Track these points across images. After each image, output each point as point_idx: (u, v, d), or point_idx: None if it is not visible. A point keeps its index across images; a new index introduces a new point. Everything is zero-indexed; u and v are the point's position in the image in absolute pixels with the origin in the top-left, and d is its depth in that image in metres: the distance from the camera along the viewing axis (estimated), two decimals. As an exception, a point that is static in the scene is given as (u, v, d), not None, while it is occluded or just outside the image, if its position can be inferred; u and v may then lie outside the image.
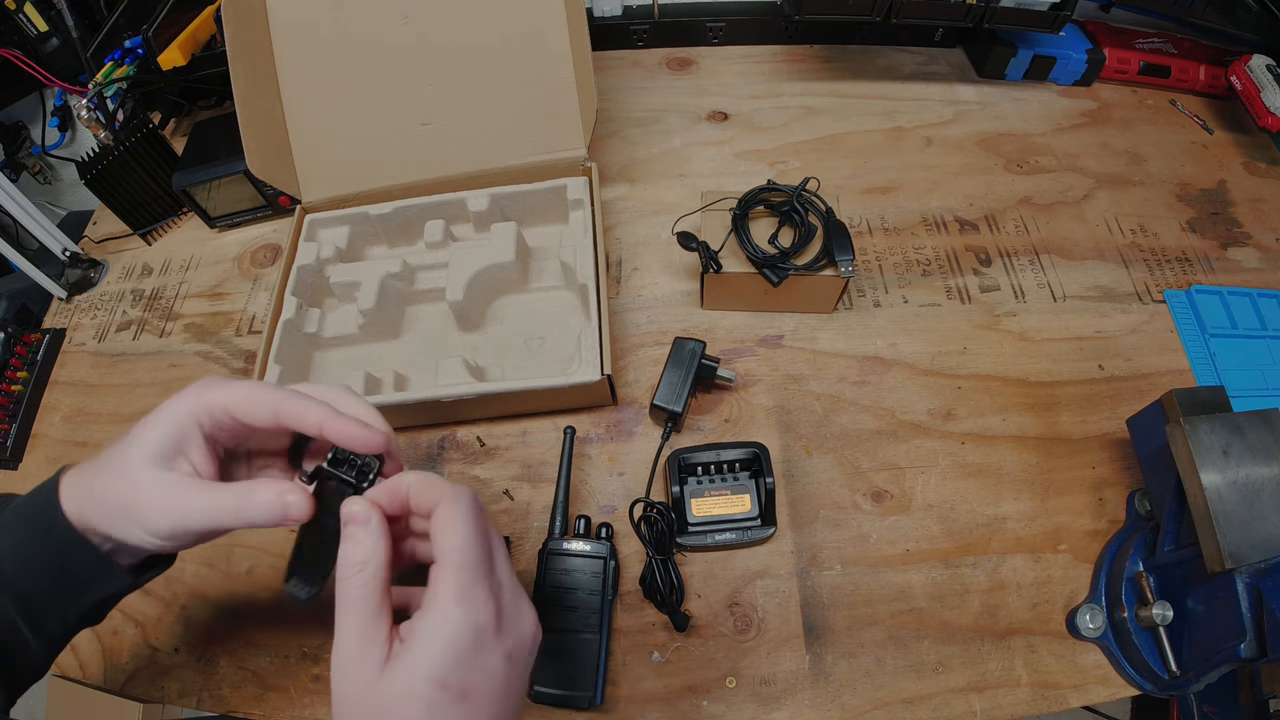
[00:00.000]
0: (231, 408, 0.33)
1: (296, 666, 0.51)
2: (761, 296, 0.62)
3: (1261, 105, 0.74)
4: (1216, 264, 0.69)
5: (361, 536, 0.30)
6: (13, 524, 0.34)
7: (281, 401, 0.33)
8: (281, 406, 0.33)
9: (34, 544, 0.34)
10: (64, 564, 0.34)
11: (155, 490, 0.32)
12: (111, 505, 0.33)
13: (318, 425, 0.33)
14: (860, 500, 0.55)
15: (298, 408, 0.33)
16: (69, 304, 0.73)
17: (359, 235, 0.67)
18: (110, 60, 0.72)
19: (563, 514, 0.52)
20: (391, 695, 0.28)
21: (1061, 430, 0.59)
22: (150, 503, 0.32)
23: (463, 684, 0.28)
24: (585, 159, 0.66)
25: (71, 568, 0.34)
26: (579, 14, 0.62)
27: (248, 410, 0.33)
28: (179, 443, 0.33)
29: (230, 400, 0.33)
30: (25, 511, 0.35)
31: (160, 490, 0.32)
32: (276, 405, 0.33)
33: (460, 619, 0.29)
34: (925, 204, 0.73)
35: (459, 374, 0.55)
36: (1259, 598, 0.40)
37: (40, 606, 0.34)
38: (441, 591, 0.29)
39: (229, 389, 0.34)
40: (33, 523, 0.34)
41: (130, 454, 0.33)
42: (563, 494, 0.53)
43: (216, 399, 0.34)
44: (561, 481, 0.53)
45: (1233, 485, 0.41)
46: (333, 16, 0.63)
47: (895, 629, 0.51)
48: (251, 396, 0.33)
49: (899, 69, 0.85)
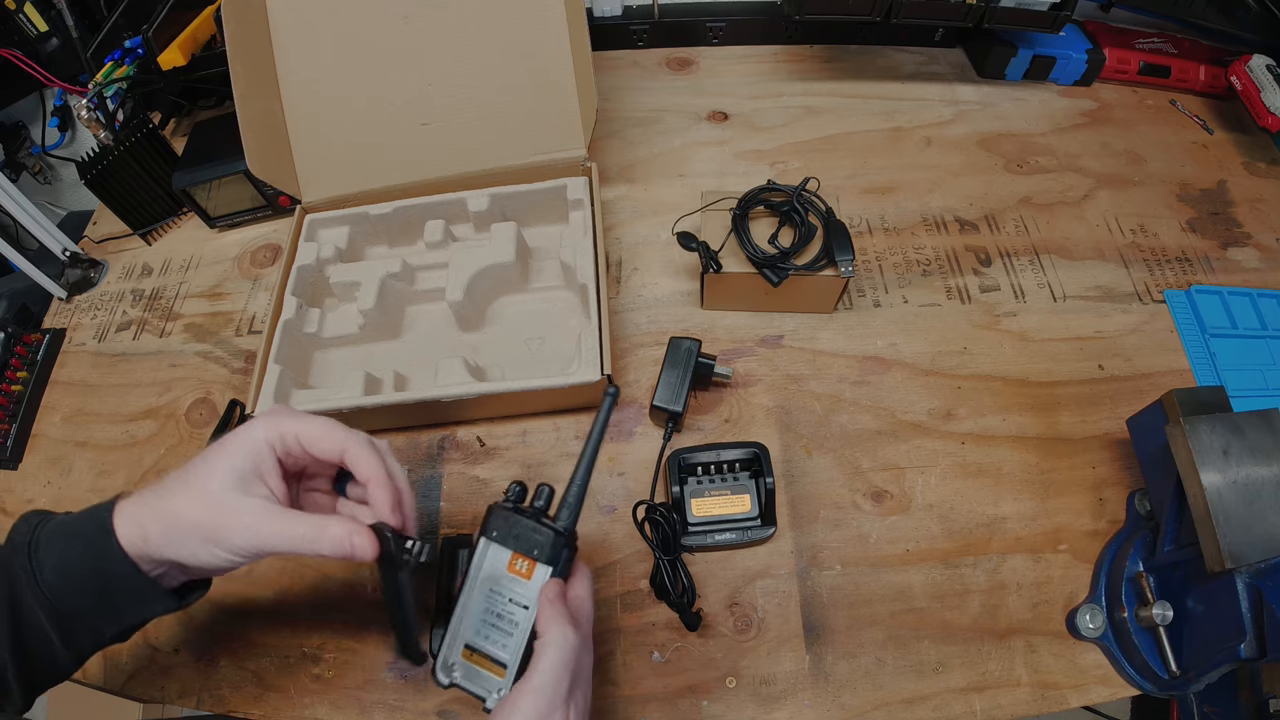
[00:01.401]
0: (305, 439, 0.38)
1: (296, 666, 0.51)
2: (761, 296, 0.62)
3: (1261, 105, 0.74)
4: (1216, 264, 0.69)
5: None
6: (59, 543, 0.36)
7: (349, 443, 0.38)
8: (348, 449, 0.38)
9: (82, 565, 0.36)
10: (110, 587, 0.36)
11: (238, 512, 0.35)
12: (186, 528, 0.35)
13: (367, 479, 0.38)
14: (860, 500, 0.55)
15: (359, 456, 0.38)
16: (69, 304, 0.73)
17: (359, 235, 0.67)
18: (110, 60, 0.72)
19: (578, 497, 0.41)
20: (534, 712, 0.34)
21: (1061, 430, 0.59)
22: (233, 523, 0.35)
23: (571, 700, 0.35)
24: (585, 159, 0.66)
25: (117, 590, 0.36)
26: (579, 14, 0.62)
27: (319, 444, 0.38)
28: (257, 468, 0.37)
29: (305, 432, 0.37)
30: (74, 530, 0.37)
31: (242, 512, 0.35)
32: (344, 446, 0.38)
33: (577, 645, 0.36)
34: (925, 204, 0.73)
35: (459, 374, 0.55)
36: (1259, 598, 0.40)
37: (77, 623, 0.37)
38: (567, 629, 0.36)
39: (304, 422, 0.38)
40: (82, 544, 0.36)
41: (211, 478, 0.36)
42: (583, 472, 0.42)
43: (292, 428, 0.37)
44: (586, 455, 0.42)
45: (1233, 485, 0.41)
46: (333, 16, 0.63)
47: (895, 629, 0.51)
48: (325, 432, 0.38)
49: (899, 69, 0.85)
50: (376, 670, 0.50)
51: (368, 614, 0.52)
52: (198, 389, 0.64)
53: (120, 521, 0.36)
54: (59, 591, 0.36)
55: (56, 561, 0.36)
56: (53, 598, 0.36)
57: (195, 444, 0.61)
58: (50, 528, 0.37)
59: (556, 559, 0.38)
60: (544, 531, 0.39)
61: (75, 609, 0.36)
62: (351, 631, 0.52)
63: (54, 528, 0.37)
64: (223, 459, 0.36)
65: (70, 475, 0.61)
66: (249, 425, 0.37)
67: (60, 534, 0.37)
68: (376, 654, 0.51)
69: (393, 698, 0.49)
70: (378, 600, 0.53)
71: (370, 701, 0.49)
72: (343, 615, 0.52)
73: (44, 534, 0.37)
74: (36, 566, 0.36)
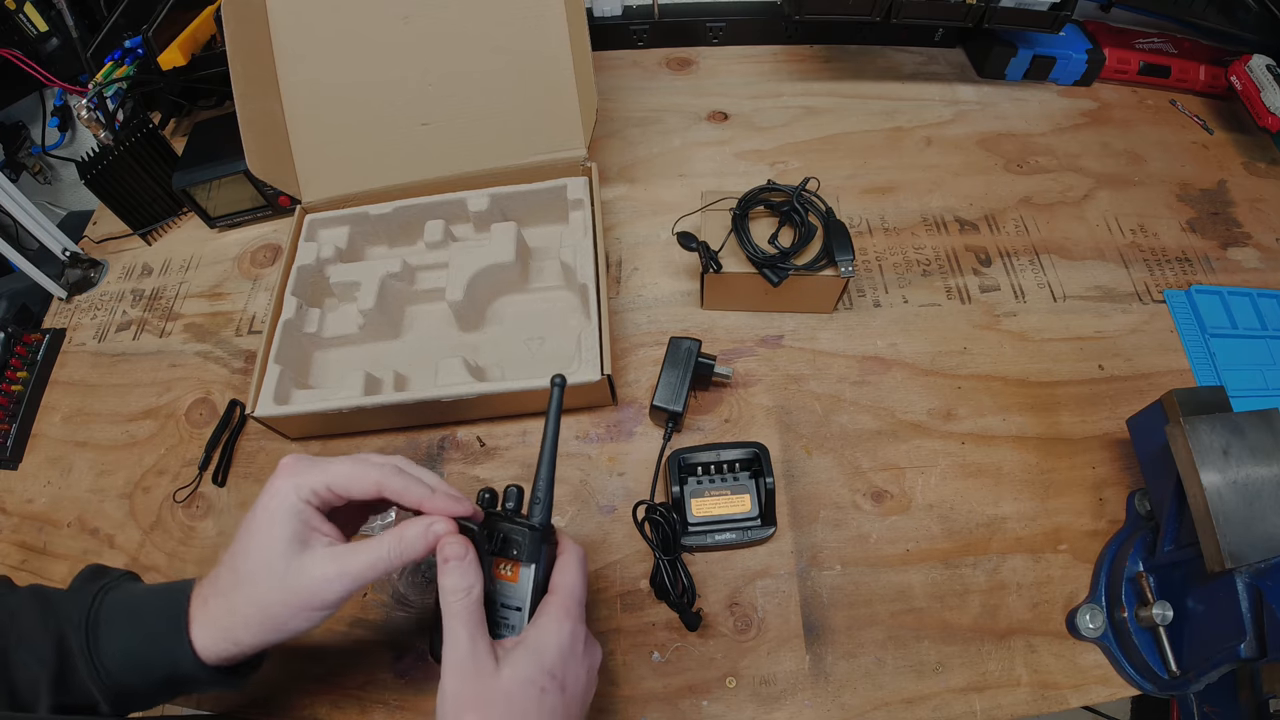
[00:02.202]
0: (336, 486, 0.37)
1: (297, 666, 0.51)
2: (761, 296, 0.62)
3: (1261, 105, 0.74)
4: (1216, 264, 0.69)
5: (464, 568, 0.36)
6: (124, 630, 0.37)
7: (385, 479, 0.37)
8: (385, 483, 0.37)
9: (148, 659, 0.37)
10: (178, 675, 0.37)
11: (318, 571, 0.35)
12: (281, 615, 0.36)
13: (418, 503, 0.37)
14: (860, 500, 0.55)
15: (399, 488, 0.37)
16: (69, 304, 0.73)
17: (359, 235, 0.68)
18: (110, 60, 0.72)
19: (546, 491, 0.40)
20: (512, 682, 0.34)
21: (1061, 430, 0.59)
22: (319, 583, 0.35)
23: (564, 677, 0.36)
24: (585, 159, 0.66)
25: (183, 679, 0.37)
26: (579, 14, 0.62)
27: (352, 487, 0.37)
28: (305, 524, 0.36)
29: (333, 481, 0.37)
30: (143, 626, 0.37)
31: (322, 568, 0.35)
32: (380, 482, 0.37)
33: (569, 630, 0.37)
34: (925, 204, 0.73)
35: (459, 374, 0.55)
36: (1259, 598, 0.40)
37: (132, 698, 0.38)
38: (555, 611, 0.37)
39: (328, 469, 0.37)
40: (152, 642, 0.37)
41: (275, 559, 0.35)
42: (546, 466, 0.40)
43: (318, 480, 0.37)
44: (546, 448, 0.41)
45: (1233, 485, 0.41)
46: (333, 16, 0.63)
47: (895, 629, 0.51)
48: (357, 474, 0.37)
49: (899, 69, 0.85)
50: (376, 670, 0.50)
51: (368, 614, 0.52)
52: (198, 389, 0.64)
53: (200, 631, 0.36)
54: (118, 676, 0.36)
55: (120, 647, 0.37)
56: (109, 679, 0.36)
57: (195, 444, 0.61)
58: (113, 609, 0.38)
59: (537, 556, 0.39)
60: (520, 531, 0.39)
61: (133, 688, 0.37)
62: (351, 631, 0.52)
63: (119, 609, 0.38)
64: (272, 534, 0.36)
65: (70, 475, 0.61)
66: (274, 488, 0.37)
67: (126, 621, 0.37)
68: (377, 654, 0.51)
69: (393, 698, 0.49)
70: (377, 601, 0.53)
71: (370, 701, 0.49)
72: (342, 615, 0.52)
73: (104, 612, 0.38)
74: (94, 646, 0.36)
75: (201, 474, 0.60)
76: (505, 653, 0.36)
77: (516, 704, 0.34)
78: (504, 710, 0.34)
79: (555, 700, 0.35)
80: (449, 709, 0.34)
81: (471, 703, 0.34)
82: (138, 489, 0.60)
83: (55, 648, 0.36)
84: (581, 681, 0.37)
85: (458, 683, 0.34)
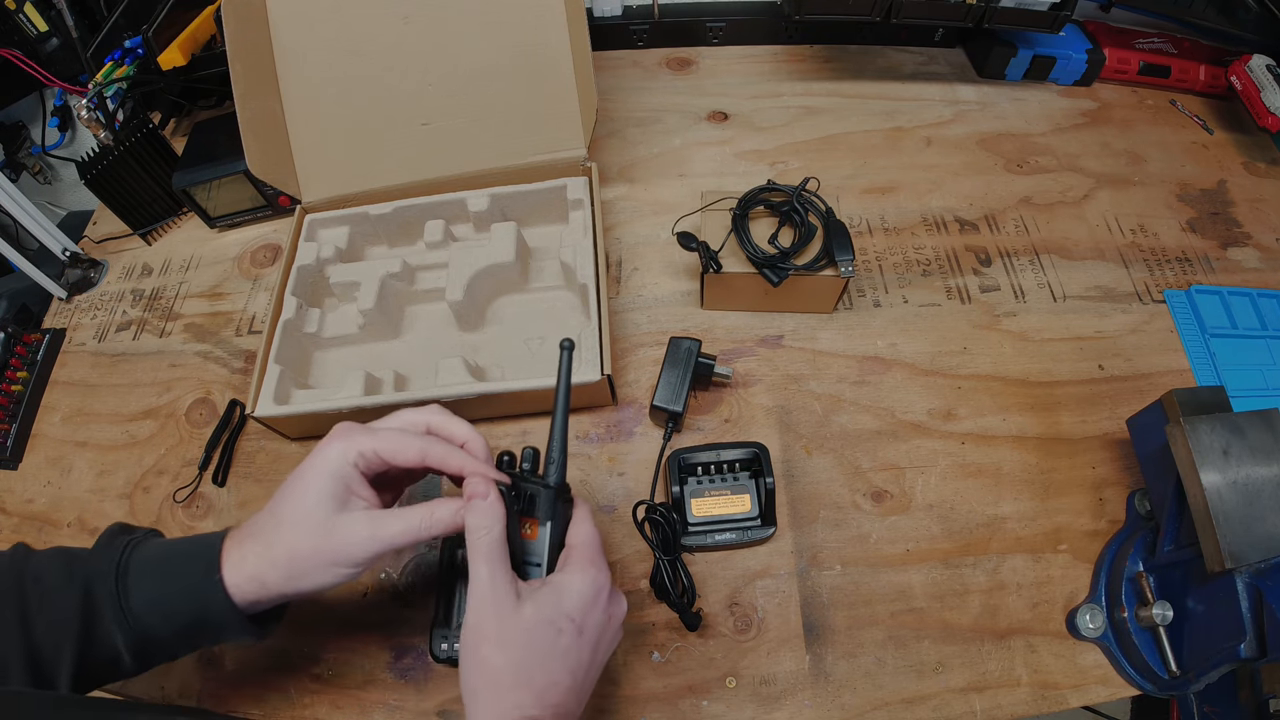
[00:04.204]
0: (383, 453, 0.39)
1: (297, 666, 0.51)
2: (761, 296, 0.62)
3: (1261, 105, 0.74)
4: (1216, 264, 0.69)
5: (485, 506, 0.38)
6: (154, 575, 0.38)
7: (429, 448, 0.40)
8: (429, 451, 0.40)
9: (177, 602, 0.38)
10: (203, 623, 0.38)
11: (352, 528, 0.38)
12: (308, 562, 0.37)
13: (458, 469, 0.40)
14: (860, 500, 0.55)
15: (443, 455, 0.40)
16: (69, 304, 0.73)
17: (359, 235, 0.67)
18: (110, 60, 0.72)
19: (560, 451, 0.43)
20: (531, 620, 0.36)
21: (1061, 430, 0.59)
22: (352, 539, 0.38)
23: (583, 622, 0.37)
24: (585, 159, 0.66)
25: (209, 627, 0.38)
26: (579, 14, 0.62)
27: (398, 455, 0.39)
28: (348, 486, 0.39)
29: (381, 447, 0.39)
30: (172, 568, 0.39)
31: (357, 527, 0.38)
32: (424, 450, 0.39)
33: (592, 578, 0.39)
34: (925, 204, 0.73)
35: (459, 374, 0.55)
36: (1259, 598, 0.40)
37: (156, 647, 0.39)
38: (579, 560, 0.39)
39: (378, 436, 0.40)
40: (181, 582, 0.38)
41: (316, 509, 0.38)
42: (559, 428, 0.43)
43: (368, 445, 0.39)
44: (559, 409, 0.43)
45: (1233, 485, 0.41)
46: (333, 16, 0.63)
47: (895, 629, 0.51)
48: (402, 443, 0.39)
49: (899, 69, 0.85)
50: (376, 670, 0.50)
51: (368, 614, 0.52)
52: (198, 389, 0.64)
53: (231, 571, 0.38)
54: (146, 621, 0.37)
55: (150, 593, 0.38)
56: (136, 625, 0.37)
57: (195, 444, 0.61)
58: (143, 556, 0.39)
59: (553, 513, 0.41)
60: (537, 489, 0.42)
61: (159, 635, 0.38)
62: (351, 631, 0.52)
63: (148, 558, 0.39)
64: (315, 487, 0.38)
65: (70, 475, 0.61)
66: (326, 449, 0.39)
67: (156, 566, 0.39)
68: (377, 654, 0.51)
69: (393, 698, 0.49)
70: (377, 601, 0.53)
71: (370, 701, 0.49)
72: (342, 615, 0.52)
73: (134, 560, 0.39)
74: (123, 592, 0.38)
75: (201, 474, 0.60)
76: (529, 593, 0.37)
77: (534, 641, 0.36)
78: (520, 645, 0.36)
79: (571, 642, 0.37)
80: (468, 641, 0.36)
81: (490, 636, 0.36)
82: (138, 489, 0.60)
83: (82, 599, 0.37)
84: (601, 628, 0.39)
85: (477, 616, 0.36)
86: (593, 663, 0.38)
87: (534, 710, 0.35)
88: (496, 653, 0.35)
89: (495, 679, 0.35)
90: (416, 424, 0.42)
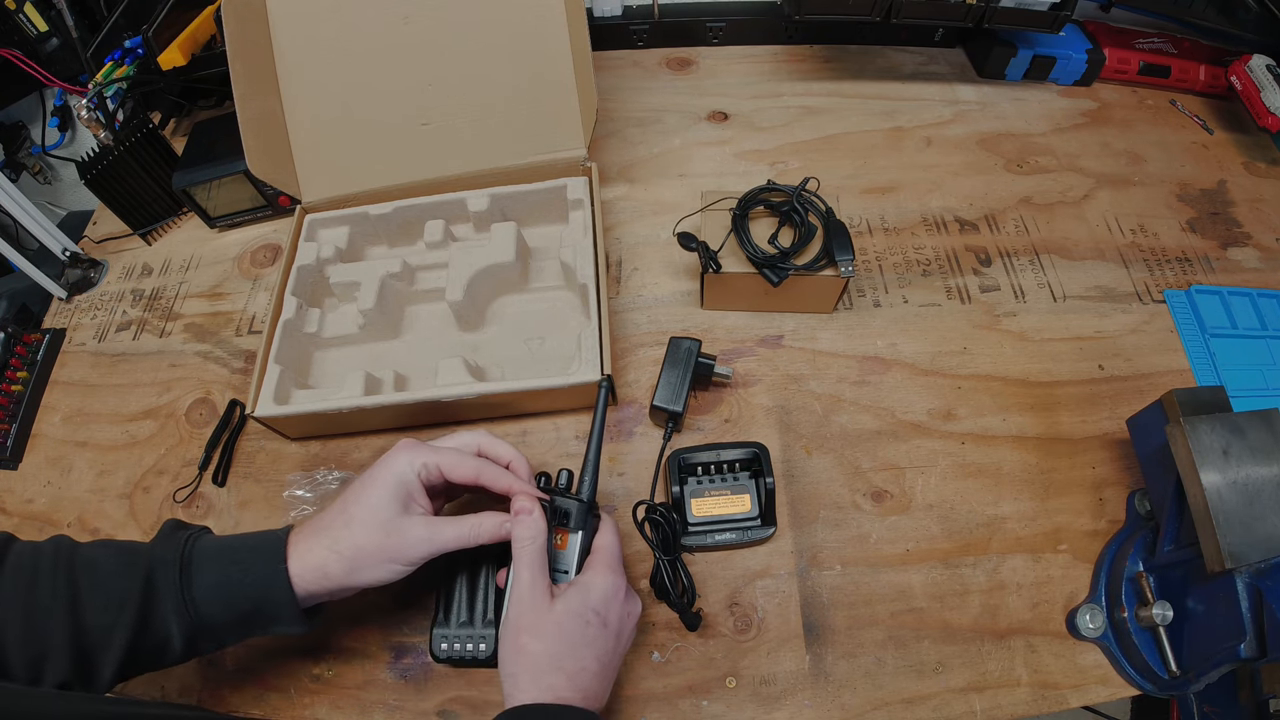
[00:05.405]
0: (444, 468, 0.45)
1: (297, 666, 0.51)
2: (761, 296, 0.62)
3: (1261, 105, 0.74)
4: (1216, 264, 0.69)
5: (531, 521, 0.44)
6: (218, 565, 0.42)
7: (483, 468, 0.45)
8: (483, 471, 0.45)
9: (240, 590, 0.41)
10: (260, 612, 0.41)
11: (411, 530, 0.43)
12: (370, 556, 0.42)
13: (506, 489, 0.45)
14: (860, 500, 0.55)
15: (494, 476, 0.45)
16: (69, 304, 0.73)
17: (359, 235, 0.67)
18: (110, 60, 0.72)
19: (593, 472, 0.47)
20: (563, 614, 0.41)
21: (1061, 430, 0.59)
22: (410, 539, 0.42)
23: (606, 615, 0.42)
24: (585, 159, 0.66)
25: (265, 616, 0.42)
26: (579, 14, 0.62)
27: (455, 470, 0.45)
28: (410, 494, 0.44)
29: (444, 462, 0.45)
30: (238, 558, 0.42)
31: (415, 529, 0.43)
32: (479, 470, 0.45)
33: (612, 580, 0.43)
34: (925, 204, 0.73)
35: (459, 374, 0.55)
36: (1259, 598, 0.40)
37: (208, 635, 0.41)
38: (601, 563, 0.44)
39: (439, 453, 0.45)
40: (246, 571, 0.41)
41: (381, 510, 0.42)
42: (594, 451, 0.48)
43: (431, 459, 0.44)
44: (594, 437, 0.48)
45: (1233, 485, 0.41)
46: (333, 16, 0.63)
47: (895, 629, 0.51)
48: (460, 461, 0.45)
49: (899, 69, 0.85)
50: (376, 670, 0.50)
51: (368, 614, 0.52)
52: (198, 389, 0.65)
53: (296, 562, 0.41)
54: (205, 610, 0.40)
55: (214, 582, 0.41)
56: (196, 613, 0.40)
57: (195, 444, 0.61)
58: (206, 548, 0.42)
59: (584, 524, 0.46)
60: (571, 504, 0.46)
61: (214, 623, 0.41)
62: (351, 631, 0.52)
63: (212, 549, 0.42)
64: (383, 492, 0.43)
65: (70, 475, 0.61)
66: (394, 459, 0.44)
67: (221, 557, 0.42)
68: (377, 654, 0.51)
69: (393, 698, 0.49)
70: (377, 601, 0.53)
71: (370, 701, 0.49)
72: (343, 615, 0.52)
73: (198, 551, 0.42)
74: (186, 582, 0.40)
75: (201, 474, 0.60)
76: (559, 593, 0.42)
77: (565, 632, 0.41)
78: (554, 635, 0.40)
79: (597, 633, 0.41)
80: (509, 632, 0.41)
81: (528, 628, 0.41)
82: (138, 489, 0.60)
83: (142, 585, 0.40)
84: (621, 621, 0.43)
85: (518, 613, 0.41)
86: (616, 650, 0.43)
87: (566, 691, 0.39)
88: (534, 641, 0.40)
89: (533, 664, 0.40)
90: (469, 445, 0.47)
